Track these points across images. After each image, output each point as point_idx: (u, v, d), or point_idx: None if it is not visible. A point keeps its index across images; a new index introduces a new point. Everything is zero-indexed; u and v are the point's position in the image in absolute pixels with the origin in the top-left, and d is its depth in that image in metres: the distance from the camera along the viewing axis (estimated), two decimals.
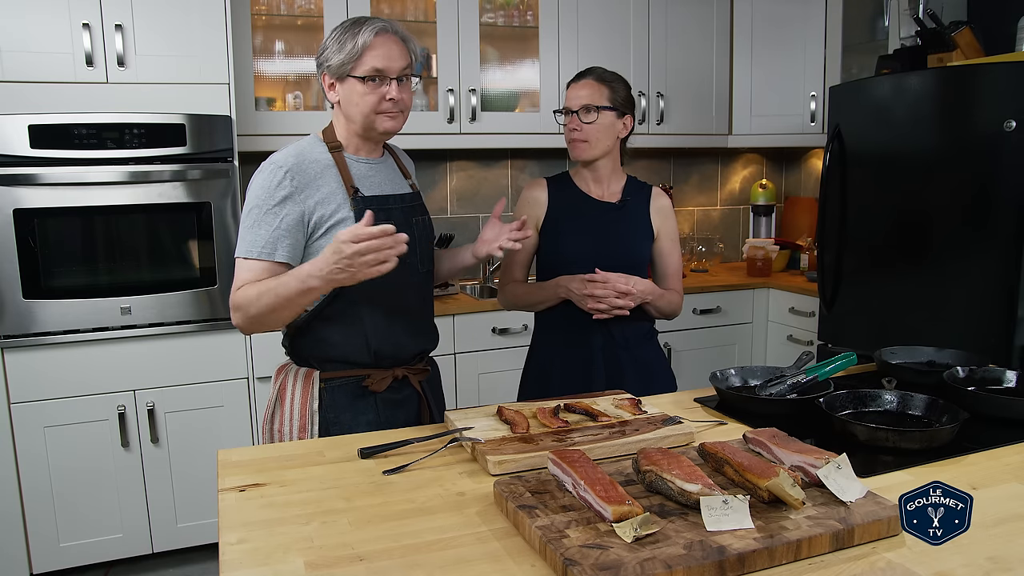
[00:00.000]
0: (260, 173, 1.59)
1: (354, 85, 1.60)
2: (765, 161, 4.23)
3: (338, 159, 1.64)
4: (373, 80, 1.59)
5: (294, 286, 1.46)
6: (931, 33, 2.88)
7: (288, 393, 1.66)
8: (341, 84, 1.62)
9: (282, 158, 1.59)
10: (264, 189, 1.56)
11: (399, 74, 1.61)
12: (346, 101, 1.62)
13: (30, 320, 2.48)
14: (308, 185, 1.58)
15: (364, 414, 1.66)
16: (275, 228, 1.55)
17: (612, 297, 1.86)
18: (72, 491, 2.59)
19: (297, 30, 3.12)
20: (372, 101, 1.59)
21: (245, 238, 1.56)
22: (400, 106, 1.63)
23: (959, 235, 2.52)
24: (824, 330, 3.08)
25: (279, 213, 1.55)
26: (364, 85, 1.59)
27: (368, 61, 1.58)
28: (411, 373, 1.73)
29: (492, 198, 3.66)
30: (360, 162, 1.68)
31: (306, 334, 1.65)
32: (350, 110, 1.62)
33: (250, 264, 1.55)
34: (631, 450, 1.32)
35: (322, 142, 1.66)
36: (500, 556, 1.00)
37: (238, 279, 1.56)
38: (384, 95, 1.60)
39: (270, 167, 1.58)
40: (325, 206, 1.58)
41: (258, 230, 1.55)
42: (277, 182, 1.55)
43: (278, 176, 1.56)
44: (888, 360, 1.81)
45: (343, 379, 1.66)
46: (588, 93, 1.93)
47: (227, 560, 1.01)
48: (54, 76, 2.46)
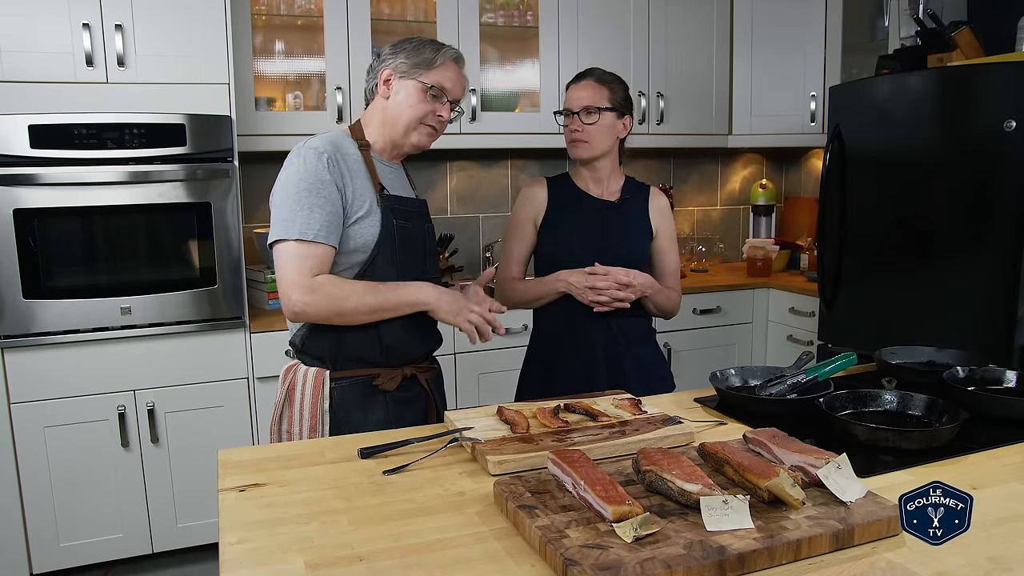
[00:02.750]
0: (298, 157, 1.59)
1: (415, 90, 1.65)
2: (765, 161, 4.23)
3: (366, 156, 1.68)
4: (435, 93, 1.66)
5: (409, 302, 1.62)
6: (931, 33, 2.88)
7: (297, 393, 1.67)
8: (401, 83, 1.66)
9: (320, 144, 1.60)
10: (311, 171, 1.56)
11: (453, 100, 1.70)
12: (398, 101, 1.66)
13: (30, 320, 2.48)
14: (345, 175, 1.61)
15: (374, 412, 1.67)
16: (328, 212, 1.56)
17: (613, 289, 1.87)
18: (72, 491, 2.58)
19: (297, 30, 3.12)
20: (424, 110, 1.66)
21: (296, 220, 1.55)
22: (441, 127, 1.71)
23: (959, 235, 2.52)
24: (824, 330, 3.08)
25: (329, 197, 1.57)
26: (424, 93, 1.65)
27: (439, 75, 1.66)
28: (419, 372, 1.75)
29: (492, 198, 3.67)
30: (383, 164, 1.72)
31: (323, 332, 1.65)
32: (399, 111, 1.67)
33: (310, 248, 1.55)
34: (631, 450, 1.32)
35: (350, 138, 1.69)
36: (500, 556, 1.00)
37: (300, 264, 1.54)
38: (436, 110, 1.67)
39: (311, 151, 1.58)
40: (357, 199, 1.61)
41: (312, 213, 1.55)
42: (324, 165, 1.57)
43: (323, 160, 1.58)
44: (888, 360, 1.81)
45: (353, 378, 1.67)
46: (588, 94, 1.94)
47: (227, 560, 1.01)
48: (54, 76, 2.46)
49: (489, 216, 3.67)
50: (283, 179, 1.60)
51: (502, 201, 3.68)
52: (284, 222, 1.56)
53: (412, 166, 3.44)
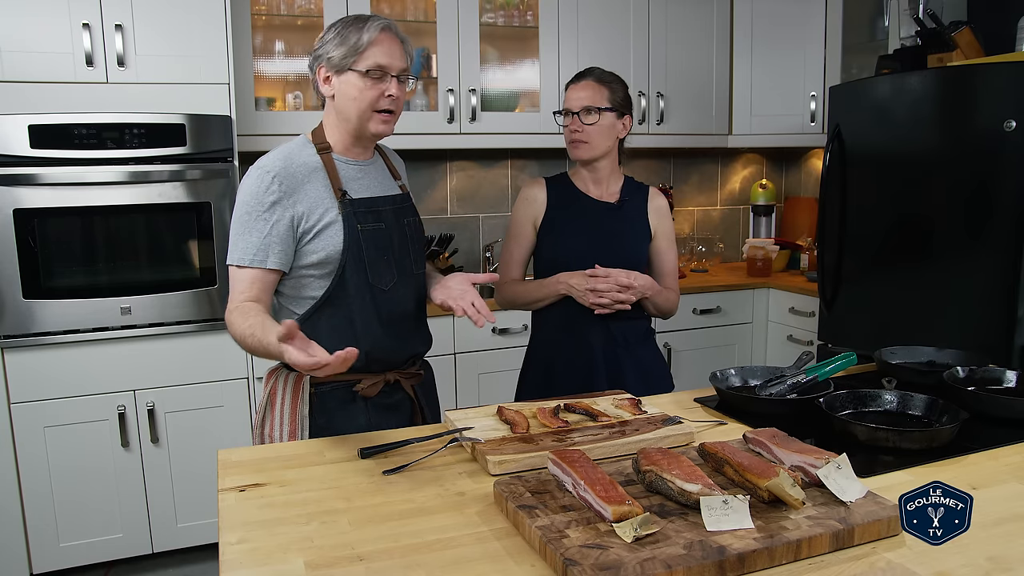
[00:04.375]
0: (248, 178, 1.57)
1: (354, 80, 1.57)
2: (765, 161, 4.23)
3: (326, 161, 1.61)
4: (375, 76, 1.57)
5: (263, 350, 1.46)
6: (931, 33, 2.88)
7: (278, 398, 1.64)
8: (339, 78, 1.59)
9: (269, 162, 1.57)
10: (252, 195, 1.54)
11: (399, 73, 1.60)
12: (342, 96, 1.59)
13: (30, 320, 2.48)
14: (296, 189, 1.56)
15: (355, 419, 1.63)
16: (266, 235, 1.53)
17: (615, 291, 1.87)
18: (72, 491, 2.59)
19: (297, 30, 3.12)
20: (372, 96, 1.58)
21: (237, 245, 1.55)
22: (396, 106, 1.62)
23: (959, 235, 2.52)
24: (824, 330, 3.08)
25: (269, 219, 1.54)
26: (364, 80, 1.57)
27: (371, 56, 1.56)
28: (403, 377, 1.70)
29: (492, 198, 3.66)
30: (349, 164, 1.65)
31: None
32: (346, 105, 1.60)
33: (243, 273, 1.55)
34: (631, 450, 1.32)
35: (311, 144, 1.64)
36: (500, 556, 1.00)
37: (233, 290, 1.55)
38: (384, 91, 1.58)
39: (257, 172, 1.56)
40: (314, 210, 1.57)
41: (248, 237, 1.54)
42: (265, 187, 1.54)
43: (266, 181, 1.54)
44: (888, 360, 1.81)
45: (333, 384, 1.63)
46: (588, 94, 1.94)
47: (227, 560, 1.01)
48: (54, 76, 2.46)
49: (489, 216, 3.67)
50: (236, 202, 1.59)
51: (502, 201, 3.68)
52: (230, 244, 1.57)
53: (412, 166, 3.45)
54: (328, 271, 1.59)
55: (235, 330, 1.52)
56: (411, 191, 1.82)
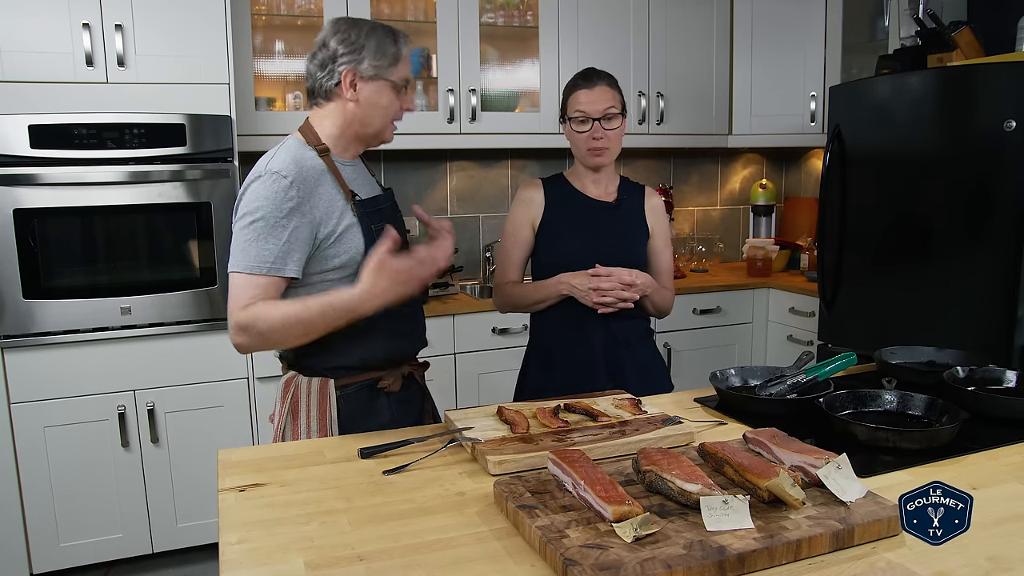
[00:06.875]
0: (261, 183, 1.50)
1: (387, 89, 1.59)
2: (765, 161, 4.23)
3: (329, 164, 1.59)
4: (402, 87, 1.62)
5: (335, 317, 1.44)
6: (931, 33, 2.88)
7: (302, 406, 1.61)
8: (368, 84, 1.57)
9: (283, 167, 1.50)
10: (270, 200, 1.48)
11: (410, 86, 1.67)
12: (369, 103, 1.58)
13: (30, 320, 2.48)
14: (311, 194, 1.51)
15: (380, 416, 1.64)
16: (285, 241, 1.48)
17: (618, 289, 1.87)
18: (72, 491, 2.59)
19: (297, 30, 3.12)
20: (397, 107, 1.62)
21: (248, 251, 1.48)
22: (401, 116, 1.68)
23: (959, 235, 2.52)
24: (824, 330, 3.08)
25: (287, 226, 1.48)
26: (395, 90, 1.61)
27: (402, 70, 1.61)
28: (415, 369, 1.75)
29: (492, 198, 3.66)
30: (344, 165, 1.64)
31: (320, 347, 1.57)
32: (371, 112, 1.59)
33: (254, 279, 1.47)
34: (631, 450, 1.32)
35: (307, 145, 1.58)
36: (500, 556, 1.00)
37: (242, 296, 1.47)
38: (403, 104, 1.64)
39: (273, 177, 1.49)
40: (330, 215, 1.53)
41: (264, 243, 1.47)
42: (284, 193, 1.48)
43: (283, 186, 1.48)
44: (888, 360, 1.81)
45: (358, 384, 1.63)
46: (607, 99, 1.91)
47: (227, 560, 1.01)
48: (54, 76, 2.46)
49: (489, 216, 3.67)
50: (243, 204, 1.52)
51: (502, 201, 3.68)
52: (237, 251, 1.50)
53: (412, 166, 3.45)
54: (349, 272, 1.56)
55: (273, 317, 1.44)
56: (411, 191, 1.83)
